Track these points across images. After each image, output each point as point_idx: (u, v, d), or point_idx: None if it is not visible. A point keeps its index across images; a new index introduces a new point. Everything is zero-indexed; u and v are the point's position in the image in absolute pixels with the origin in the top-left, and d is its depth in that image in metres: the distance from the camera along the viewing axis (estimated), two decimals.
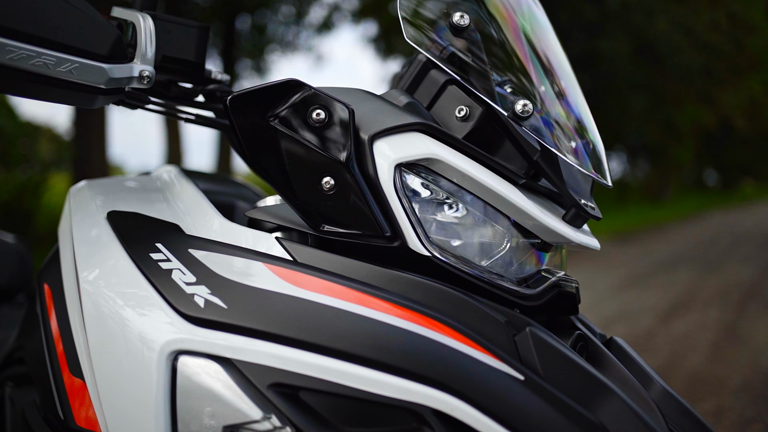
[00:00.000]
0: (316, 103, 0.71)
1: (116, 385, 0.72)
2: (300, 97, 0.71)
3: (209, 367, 0.66)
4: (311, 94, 0.71)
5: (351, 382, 0.63)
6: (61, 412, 0.82)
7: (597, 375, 0.67)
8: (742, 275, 7.33)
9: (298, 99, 0.71)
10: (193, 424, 0.66)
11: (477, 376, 0.63)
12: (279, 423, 0.63)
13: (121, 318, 0.72)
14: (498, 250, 0.77)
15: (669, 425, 0.71)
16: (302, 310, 0.67)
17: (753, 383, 3.76)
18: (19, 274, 1.67)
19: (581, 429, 0.61)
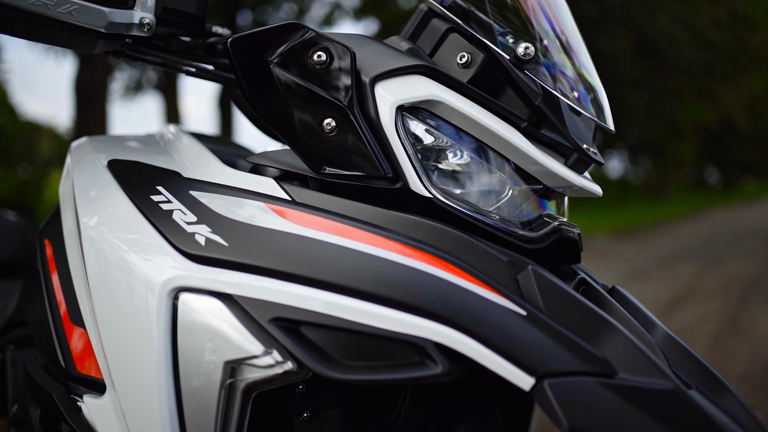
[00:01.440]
0: (317, 45, 0.71)
1: (117, 326, 0.71)
2: (301, 39, 0.71)
3: (210, 304, 0.66)
4: (312, 36, 0.71)
5: (353, 317, 0.62)
6: (62, 361, 0.82)
7: (600, 312, 0.66)
8: (744, 270, 7.31)
9: (298, 41, 0.71)
10: (194, 361, 0.66)
11: (479, 310, 0.62)
12: (280, 357, 0.63)
13: (122, 259, 0.72)
14: (500, 197, 0.76)
15: (672, 368, 0.71)
16: (304, 247, 0.66)
17: (754, 373, 3.75)
18: (20, 250, 1.67)
19: (584, 362, 0.60)
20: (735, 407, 0.67)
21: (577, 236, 0.79)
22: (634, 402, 0.58)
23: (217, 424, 0.65)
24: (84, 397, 0.78)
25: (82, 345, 0.80)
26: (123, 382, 0.71)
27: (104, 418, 0.75)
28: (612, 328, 0.65)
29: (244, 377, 0.64)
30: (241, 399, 0.65)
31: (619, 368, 0.61)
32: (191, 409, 0.66)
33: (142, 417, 0.69)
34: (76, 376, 0.80)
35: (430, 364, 0.61)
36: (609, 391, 0.58)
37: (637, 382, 0.60)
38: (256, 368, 0.64)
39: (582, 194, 0.80)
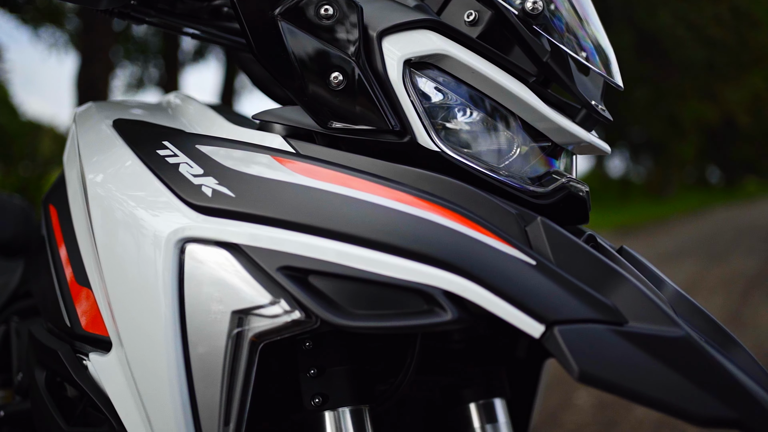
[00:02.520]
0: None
1: (124, 280, 0.71)
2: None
3: (217, 254, 0.66)
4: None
5: (361, 265, 0.62)
6: (68, 321, 0.81)
7: (609, 263, 0.65)
8: (746, 266, 7.30)
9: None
10: (201, 311, 0.66)
11: (488, 259, 0.62)
12: (288, 306, 0.63)
13: (128, 213, 0.72)
14: (508, 154, 0.76)
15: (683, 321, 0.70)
16: (311, 198, 0.66)
17: None
18: (23, 231, 1.66)
19: (594, 310, 0.60)
20: (745, 361, 0.67)
21: (586, 194, 0.78)
22: (644, 348, 0.58)
23: (225, 375, 0.65)
24: (90, 355, 0.78)
25: (87, 305, 0.80)
26: (130, 337, 0.70)
27: (110, 374, 0.75)
28: (622, 278, 0.64)
29: (252, 327, 0.64)
30: (249, 350, 0.64)
31: (629, 317, 0.60)
32: (198, 362, 0.66)
33: (149, 371, 0.68)
34: (82, 335, 0.79)
35: (439, 311, 0.60)
36: (619, 337, 0.58)
37: (647, 329, 0.59)
38: (264, 318, 0.64)
39: (590, 152, 0.80)
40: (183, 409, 0.66)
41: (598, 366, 0.56)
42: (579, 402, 3.37)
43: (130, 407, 0.72)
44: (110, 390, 0.74)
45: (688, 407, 0.56)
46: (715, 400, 0.56)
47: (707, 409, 0.56)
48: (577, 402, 3.37)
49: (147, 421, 0.69)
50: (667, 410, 0.57)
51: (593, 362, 0.56)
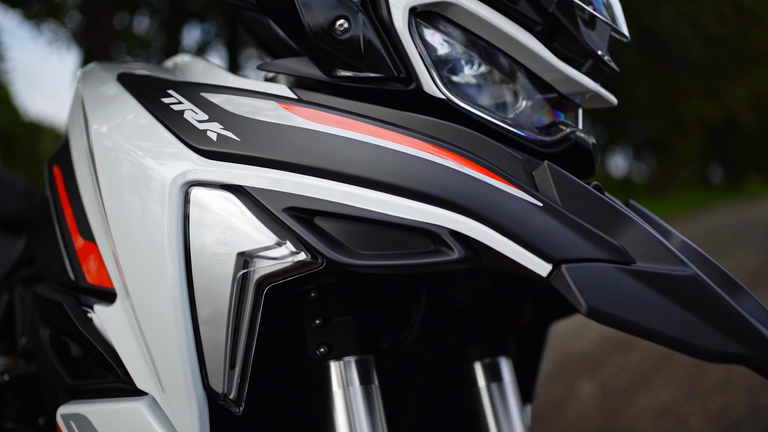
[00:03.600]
0: None
1: (129, 228, 0.71)
2: None
3: (222, 196, 0.66)
4: None
5: (367, 205, 0.61)
6: (73, 275, 0.81)
7: (617, 206, 0.65)
8: (749, 262, 7.28)
9: None
10: (206, 254, 0.65)
11: (494, 200, 0.61)
12: (293, 248, 0.62)
13: (133, 161, 0.71)
14: (514, 106, 0.75)
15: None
16: (317, 141, 0.66)
17: None
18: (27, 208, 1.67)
19: (602, 250, 0.59)
20: (754, 307, 0.66)
21: (592, 147, 0.78)
22: (653, 286, 0.57)
23: (230, 318, 0.64)
24: (95, 307, 0.78)
25: (91, 259, 0.80)
26: (135, 284, 0.70)
27: (115, 324, 0.75)
28: (629, 221, 0.64)
29: (257, 269, 0.64)
30: (254, 293, 0.64)
31: (637, 257, 0.60)
32: (204, 305, 0.66)
33: (155, 317, 0.68)
34: (87, 288, 0.79)
35: (446, 251, 0.60)
36: (627, 275, 0.58)
37: (655, 268, 0.59)
38: (269, 260, 0.63)
39: (597, 103, 0.79)
40: (189, 353, 0.66)
41: (607, 302, 0.56)
42: (581, 393, 3.36)
43: (135, 355, 0.72)
44: (115, 340, 0.74)
45: (696, 342, 0.56)
46: (723, 336, 0.56)
47: (716, 344, 0.56)
48: (579, 393, 3.37)
49: (153, 367, 0.69)
50: (675, 345, 0.56)
51: (601, 298, 0.56)
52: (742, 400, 3.16)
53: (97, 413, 0.74)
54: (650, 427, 2.91)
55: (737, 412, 3.01)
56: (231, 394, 0.65)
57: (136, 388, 0.71)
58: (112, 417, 0.72)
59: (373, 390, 0.74)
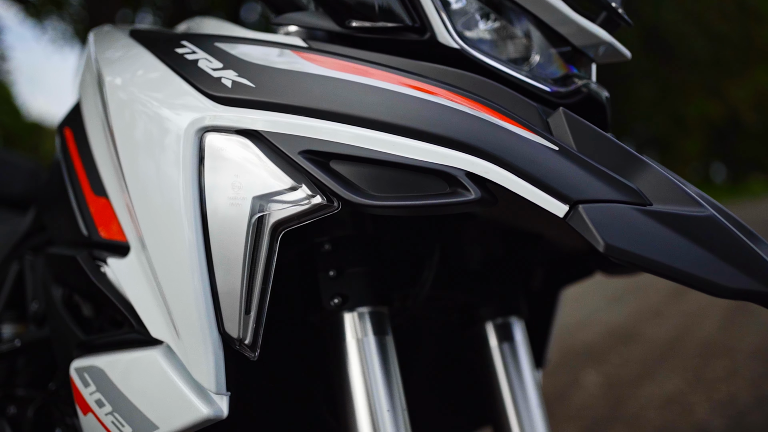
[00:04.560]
0: None
1: (146, 179, 0.71)
2: None
3: (237, 141, 0.65)
4: None
5: (384, 148, 0.61)
6: (85, 230, 0.81)
7: (632, 150, 0.65)
8: None
9: None
10: (221, 199, 0.65)
11: (511, 143, 0.61)
12: (309, 191, 0.62)
13: (149, 111, 0.71)
14: (528, 60, 0.75)
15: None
16: (332, 86, 0.65)
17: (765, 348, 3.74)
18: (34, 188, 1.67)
19: (618, 192, 0.59)
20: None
21: (606, 100, 0.78)
22: (670, 226, 0.57)
23: (245, 263, 0.64)
24: (108, 260, 0.78)
25: (104, 214, 0.80)
26: (151, 234, 0.70)
27: (130, 275, 0.75)
28: (646, 164, 0.63)
29: (272, 213, 0.63)
30: (269, 238, 0.64)
31: (653, 200, 0.60)
32: (219, 250, 0.66)
33: (170, 264, 0.68)
34: (100, 242, 0.79)
35: (463, 192, 0.60)
36: (645, 215, 0.57)
37: (673, 209, 0.59)
38: (285, 204, 0.63)
39: (610, 58, 0.79)
40: (204, 298, 0.65)
41: (624, 240, 0.56)
42: (586, 383, 3.36)
43: (150, 304, 0.72)
44: (129, 291, 0.74)
45: (715, 279, 0.55)
46: (741, 274, 0.56)
47: (734, 281, 0.55)
48: (584, 383, 3.36)
49: (168, 315, 0.69)
50: (694, 283, 0.56)
51: (619, 237, 0.56)
52: (747, 390, 3.15)
53: (112, 364, 0.74)
54: (655, 416, 2.90)
55: (743, 402, 3.01)
56: (246, 340, 0.65)
57: (150, 338, 0.71)
58: (127, 366, 0.72)
59: (387, 341, 0.74)
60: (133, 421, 0.70)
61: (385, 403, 0.71)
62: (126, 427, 0.71)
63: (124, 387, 0.71)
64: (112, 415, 0.72)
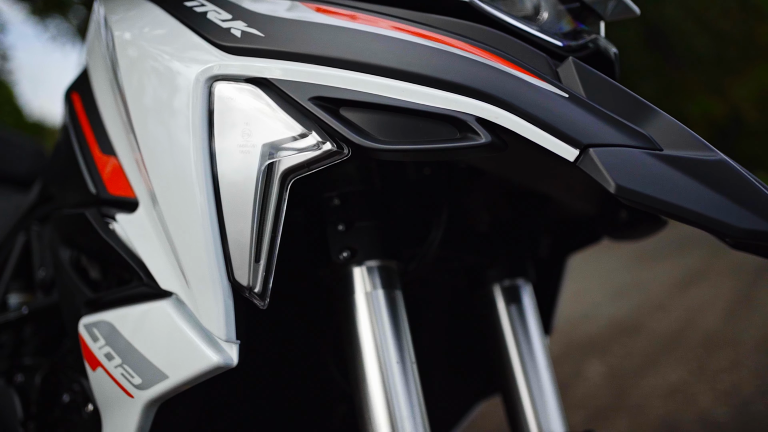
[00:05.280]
0: None
1: (157, 133, 0.71)
2: None
3: (246, 90, 0.65)
4: None
5: (394, 94, 0.61)
6: (94, 188, 0.81)
7: (642, 99, 0.65)
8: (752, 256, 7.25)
9: None
10: (231, 147, 0.65)
11: (521, 90, 0.61)
12: (319, 137, 0.62)
13: (159, 65, 0.71)
14: (537, 18, 0.75)
15: None
16: (342, 35, 0.65)
17: None
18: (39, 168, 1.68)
19: (629, 137, 0.59)
20: None
21: (614, 56, 0.78)
22: (682, 169, 0.57)
23: (255, 211, 0.64)
24: (116, 216, 0.78)
25: (112, 171, 0.80)
26: (161, 186, 0.70)
27: (139, 230, 0.75)
28: (656, 111, 0.63)
29: (282, 160, 0.63)
30: (279, 186, 0.64)
31: (665, 146, 0.60)
32: (229, 199, 0.66)
33: (181, 215, 0.68)
34: (108, 199, 0.79)
35: (473, 137, 0.60)
36: (656, 159, 0.57)
37: (684, 153, 0.59)
38: (295, 150, 0.63)
39: (620, 14, 0.79)
40: (214, 246, 0.65)
41: (635, 181, 0.55)
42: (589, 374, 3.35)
43: (159, 257, 0.72)
44: (139, 244, 0.74)
45: (726, 220, 0.55)
46: (753, 215, 0.56)
47: (746, 222, 0.55)
48: (587, 374, 3.36)
49: (177, 265, 0.69)
50: (705, 224, 0.56)
51: (630, 178, 0.56)
52: (751, 381, 3.14)
53: (121, 318, 0.74)
54: (659, 405, 2.90)
55: (747, 392, 3.00)
56: (256, 288, 0.65)
57: (159, 290, 0.71)
58: (136, 319, 0.72)
59: (397, 296, 0.74)
60: (142, 372, 0.70)
61: (394, 356, 0.71)
62: (135, 378, 0.71)
63: (134, 339, 0.71)
64: (122, 367, 0.72)
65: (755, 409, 2.81)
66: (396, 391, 0.69)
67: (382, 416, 0.68)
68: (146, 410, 0.70)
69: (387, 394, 0.69)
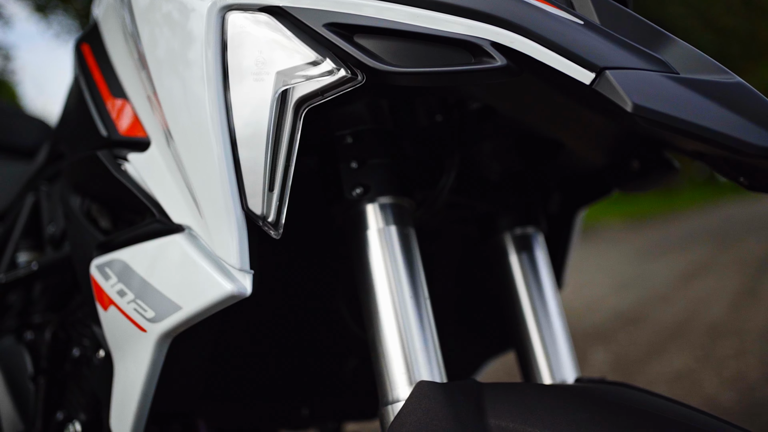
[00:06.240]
0: None
1: (171, 67, 0.71)
2: None
3: (259, 18, 0.65)
4: None
5: (408, 20, 0.61)
6: (104, 130, 0.81)
7: (657, 27, 0.65)
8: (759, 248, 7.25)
9: None
10: (244, 76, 0.65)
11: (536, 16, 0.61)
12: (334, 64, 0.62)
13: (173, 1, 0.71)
14: None
15: None
16: None
17: None
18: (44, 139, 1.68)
19: (645, 61, 0.59)
20: None
21: None
22: (699, 90, 0.57)
23: (269, 140, 0.64)
24: (128, 156, 0.78)
25: (123, 113, 0.80)
26: (175, 119, 0.70)
27: (151, 167, 0.75)
28: (671, 38, 0.63)
29: (296, 87, 0.63)
30: (293, 114, 0.63)
31: (680, 70, 0.60)
32: (243, 127, 0.65)
33: (194, 148, 0.68)
34: (119, 140, 0.79)
35: (489, 60, 0.59)
36: (673, 81, 0.57)
37: (701, 76, 0.58)
38: (309, 77, 0.63)
39: None
40: (228, 174, 0.65)
41: (653, 101, 0.55)
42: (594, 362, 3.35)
43: (172, 192, 0.72)
44: (151, 182, 0.74)
45: (744, 138, 0.55)
46: None
47: (765, 140, 0.55)
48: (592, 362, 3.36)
49: (191, 198, 0.69)
50: (722, 141, 0.56)
51: (647, 97, 0.55)
52: (757, 367, 3.14)
53: (133, 254, 0.73)
54: (664, 390, 2.89)
55: (752, 377, 3.00)
56: (270, 217, 0.64)
57: (173, 225, 0.71)
58: (149, 254, 0.72)
59: (410, 232, 0.73)
60: (155, 305, 0.70)
61: (407, 290, 0.70)
62: (148, 311, 0.70)
63: (147, 274, 0.71)
64: (135, 302, 0.72)
65: (761, 394, 2.80)
66: (409, 324, 0.69)
67: (395, 349, 0.68)
68: (159, 344, 0.70)
69: (400, 327, 0.69)
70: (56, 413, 0.97)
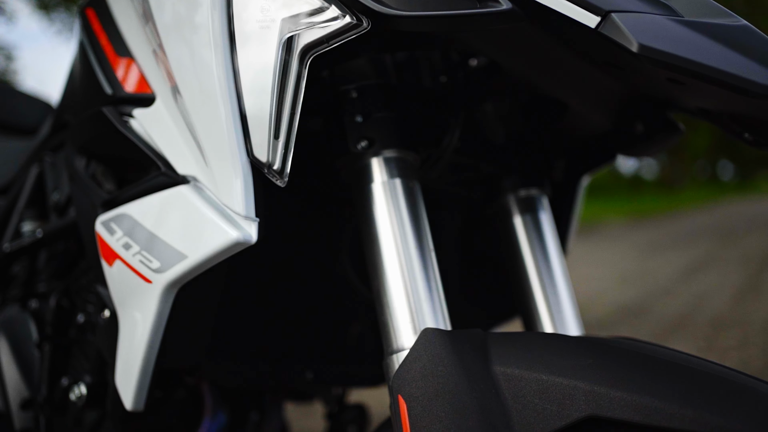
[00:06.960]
0: None
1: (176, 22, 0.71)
2: None
3: None
4: None
5: None
6: (109, 88, 0.82)
7: None
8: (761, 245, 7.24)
9: None
10: (250, 23, 0.65)
11: None
12: (339, 11, 0.62)
13: None
14: None
15: None
16: None
17: None
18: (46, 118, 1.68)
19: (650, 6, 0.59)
20: None
21: None
22: (704, 32, 0.57)
23: (274, 88, 0.64)
24: (133, 112, 0.78)
25: (128, 71, 0.81)
26: (182, 72, 0.70)
27: (156, 120, 0.75)
28: None
29: (301, 34, 0.63)
30: (298, 62, 0.63)
31: (686, 15, 0.60)
32: (248, 75, 0.65)
33: (200, 98, 0.68)
34: (124, 96, 0.80)
35: (494, 4, 0.59)
36: (679, 24, 0.57)
37: (707, 20, 0.59)
38: (314, 24, 0.63)
39: None
40: (234, 122, 0.65)
41: (658, 41, 0.55)
42: None
43: (177, 143, 0.72)
44: (157, 135, 0.75)
45: (750, 77, 0.55)
46: None
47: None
48: None
49: (197, 148, 0.69)
50: (727, 80, 0.56)
51: (653, 38, 0.55)
52: (760, 357, 3.13)
53: (139, 208, 0.74)
54: None
55: (755, 366, 2.99)
56: (275, 165, 0.64)
57: (178, 177, 0.71)
58: (154, 207, 0.72)
59: (415, 186, 0.74)
60: (161, 255, 0.70)
61: (412, 242, 0.70)
62: (154, 262, 0.70)
63: (151, 225, 0.71)
64: (140, 254, 0.72)
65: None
66: (414, 274, 0.69)
67: (400, 299, 0.68)
68: (165, 294, 0.70)
69: (405, 278, 0.69)
70: (61, 379, 0.97)
